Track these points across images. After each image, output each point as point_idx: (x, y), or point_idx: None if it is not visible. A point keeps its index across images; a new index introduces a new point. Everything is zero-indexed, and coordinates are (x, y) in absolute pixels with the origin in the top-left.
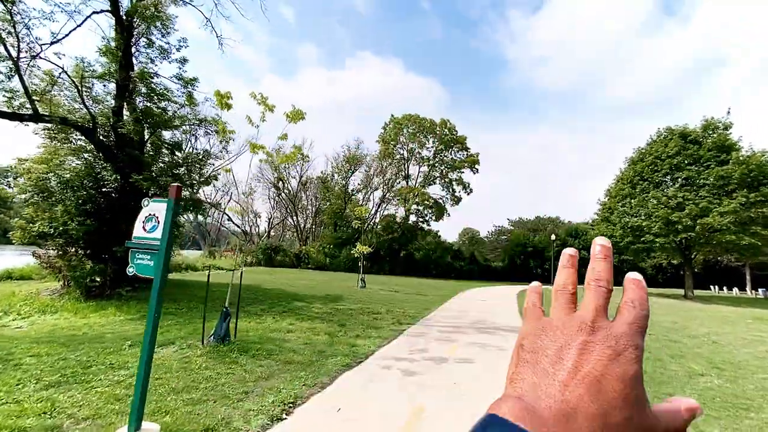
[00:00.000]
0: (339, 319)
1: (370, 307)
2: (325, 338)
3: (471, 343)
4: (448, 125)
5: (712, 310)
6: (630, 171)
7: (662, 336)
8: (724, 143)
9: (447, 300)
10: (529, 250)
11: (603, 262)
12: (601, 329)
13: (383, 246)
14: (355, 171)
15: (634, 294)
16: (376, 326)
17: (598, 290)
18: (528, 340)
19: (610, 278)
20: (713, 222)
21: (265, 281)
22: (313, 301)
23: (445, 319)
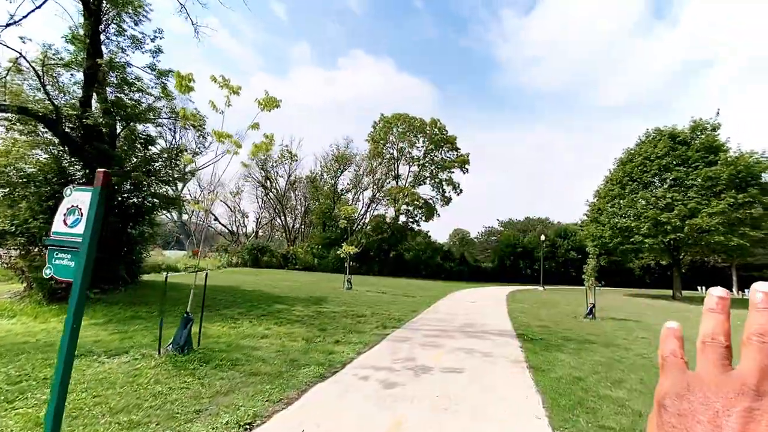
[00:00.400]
0: (320, 323)
1: (354, 310)
2: (301, 345)
3: (458, 349)
4: (438, 125)
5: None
6: (619, 171)
7: (656, 339)
8: (712, 144)
9: (435, 302)
10: (519, 251)
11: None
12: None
13: (373, 246)
14: (344, 170)
15: None
16: (358, 330)
17: (763, 347)
18: (671, 400)
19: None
20: (702, 223)
21: (247, 282)
22: (295, 304)
23: (432, 323)
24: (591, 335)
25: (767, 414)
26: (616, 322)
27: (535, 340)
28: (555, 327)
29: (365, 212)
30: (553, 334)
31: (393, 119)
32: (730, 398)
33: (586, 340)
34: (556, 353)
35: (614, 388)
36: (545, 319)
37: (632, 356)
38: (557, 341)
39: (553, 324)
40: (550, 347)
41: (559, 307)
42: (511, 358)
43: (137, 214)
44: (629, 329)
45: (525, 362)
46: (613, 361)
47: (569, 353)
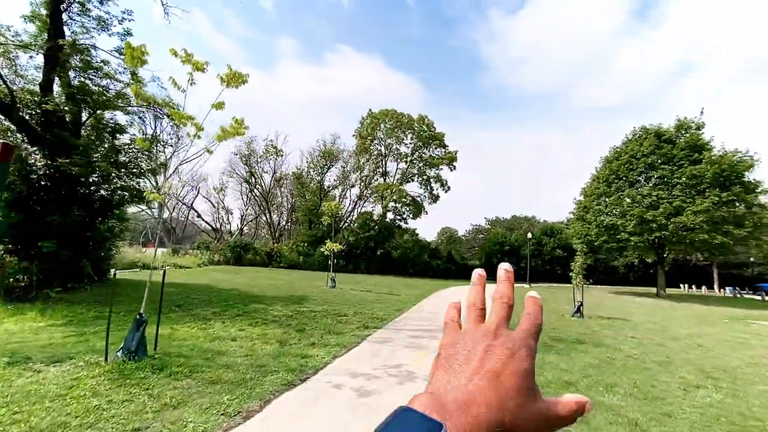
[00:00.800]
0: (298, 324)
1: (336, 309)
2: (273, 348)
3: None
4: (426, 121)
5: (686, 309)
6: (606, 170)
7: (645, 339)
8: (696, 143)
9: (421, 300)
10: (506, 249)
11: (506, 284)
12: (501, 335)
13: (360, 244)
14: (331, 167)
15: (530, 308)
16: (337, 331)
17: (501, 305)
18: (445, 349)
19: (511, 296)
20: (687, 221)
21: (225, 281)
22: (274, 303)
23: (416, 322)
24: (580, 335)
25: (499, 347)
26: (603, 320)
27: None
28: (543, 326)
29: (353, 209)
30: (541, 333)
31: (380, 115)
32: (478, 339)
33: (575, 340)
34: (544, 355)
35: (607, 393)
36: None
37: (623, 357)
38: (546, 341)
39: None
40: (539, 348)
41: (547, 305)
42: None
43: (105, 208)
44: (617, 328)
45: None
46: (604, 362)
47: (558, 354)
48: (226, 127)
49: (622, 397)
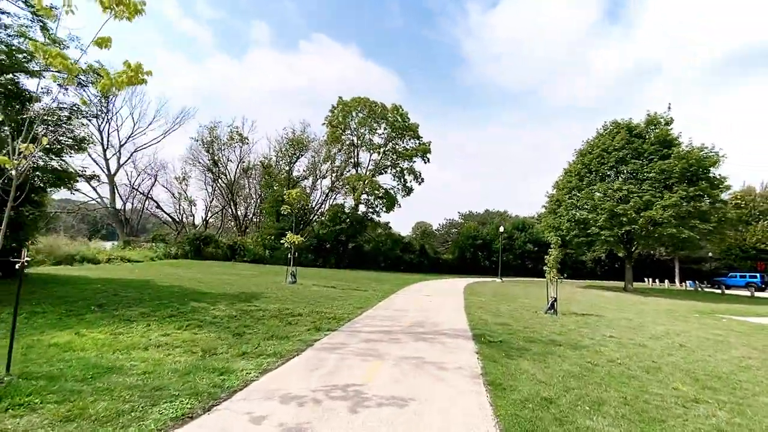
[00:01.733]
0: (238, 326)
1: (289, 308)
2: (191, 360)
3: (402, 359)
4: (400, 111)
5: (654, 303)
6: (578, 163)
7: (625, 338)
8: (665, 138)
9: (388, 296)
10: (479, 243)
11: None
12: None
13: (330, 237)
14: (300, 156)
15: None
16: (282, 335)
17: None
18: None
19: None
20: (656, 215)
21: (172, 276)
22: (219, 301)
23: (378, 322)
24: (555, 334)
25: None
26: (577, 317)
27: (494, 343)
28: (515, 324)
29: (324, 201)
30: (514, 333)
31: (352, 103)
32: None
33: (550, 341)
34: (518, 360)
35: (594, 414)
36: (504, 315)
37: (605, 362)
38: (519, 343)
39: (513, 320)
40: (512, 352)
41: (518, 300)
42: (466, 371)
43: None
44: (593, 326)
45: (482, 376)
46: (585, 370)
47: (534, 360)
48: (114, 73)
49: (614, 419)
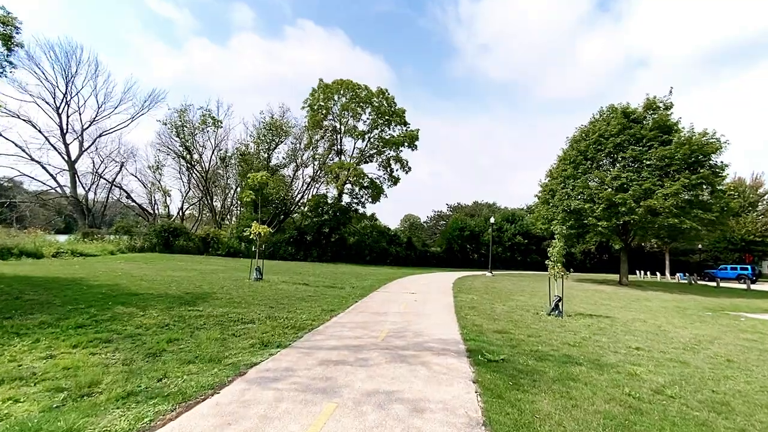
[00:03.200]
0: (160, 342)
1: (241, 313)
2: (35, 409)
3: (368, 396)
4: (386, 95)
5: (657, 299)
6: (573, 150)
7: (657, 351)
8: (665, 123)
9: (368, 294)
10: (467, 235)
11: None
12: None
13: (311, 229)
14: (280, 143)
15: None
16: (212, 356)
17: None
18: None
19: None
20: (657, 204)
21: (113, 273)
22: (154, 305)
23: (346, 332)
24: (569, 345)
25: None
26: (585, 319)
27: (494, 363)
28: (517, 331)
29: (306, 191)
30: (518, 345)
31: (335, 86)
32: None
33: (566, 357)
34: (532, 393)
35: None
36: (501, 318)
37: (650, 394)
38: (528, 363)
39: (512, 326)
40: (521, 379)
41: (514, 298)
42: (461, 417)
43: None
44: (610, 333)
45: (483, 426)
46: (630, 410)
47: (553, 393)
48: None
49: None
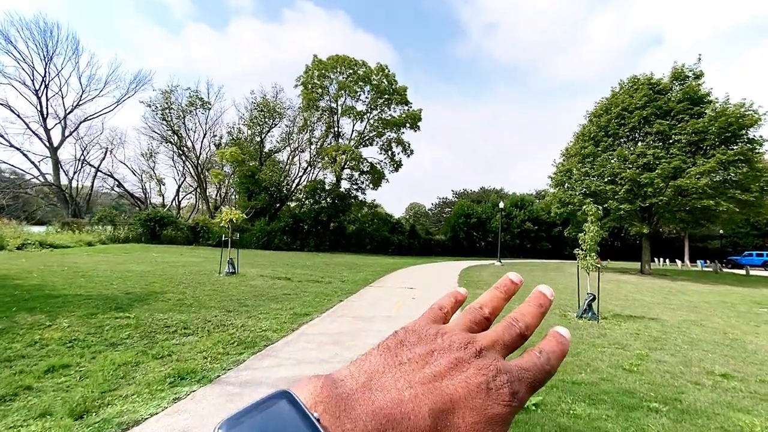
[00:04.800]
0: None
1: (185, 320)
2: None
3: None
4: (386, 72)
5: (693, 291)
6: (592, 126)
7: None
8: (695, 94)
9: (358, 291)
10: (473, 222)
11: (534, 308)
12: (486, 357)
13: (308, 217)
14: (273, 126)
15: (549, 346)
16: (87, 405)
17: (511, 327)
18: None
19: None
20: (689, 184)
21: (53, 267)
22: (73, 311)
23: (310, 351)
24: (623, 371)
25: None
26: (627, 323)
27: (522, 414)
28: None
29: (302, 177)
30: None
31: (330, 62)
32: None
33: (628, 395)
34: None
35: None
36: None
37: None
38: (573, 411)
39: (537, 336)
40: None
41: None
42: None
43: None
44: (669, 345)
45: None
46: None
47: None
48: None
49: None
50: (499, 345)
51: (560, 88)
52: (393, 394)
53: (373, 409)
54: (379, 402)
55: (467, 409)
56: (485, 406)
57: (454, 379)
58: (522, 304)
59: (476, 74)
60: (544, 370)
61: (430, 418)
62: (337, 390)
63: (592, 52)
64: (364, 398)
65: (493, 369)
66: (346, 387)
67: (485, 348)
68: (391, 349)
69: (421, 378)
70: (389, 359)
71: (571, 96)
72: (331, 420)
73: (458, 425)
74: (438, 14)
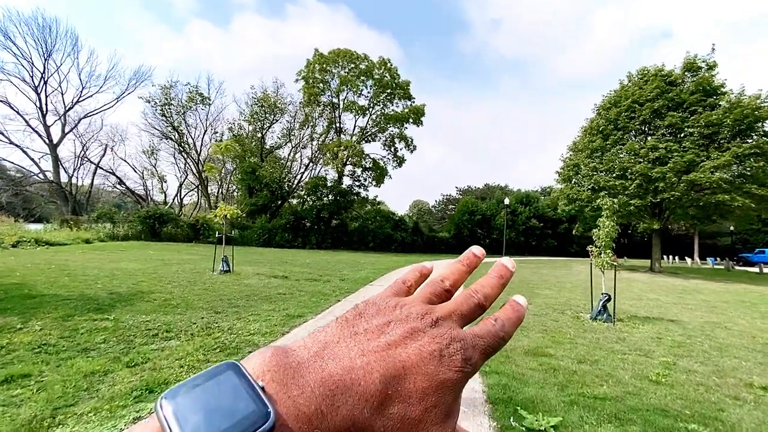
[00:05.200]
0: None
1: (170, 322)
2: None
3: None
4: (388, 65)
5: (709, 290)
6: (601, 119)
7: None
8: (709, 85)
9: (356, 291)
10: (478, 219)
11: (494, 280)
12: (443, 327)
13: (309, 214)
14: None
15: (505, 314)
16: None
17: (469, 298)
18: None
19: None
20: (702, 178)
21: (39, 265)
22: (49, 312)
23: None
24: (649, 382)
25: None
26: (645, 325)
27: None
28: (559, 352)
29: (304, 174)
30: (569, 385)
31: (331, 56)
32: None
33: (661, 413)
34: None
35: None
36: (532, 326)
37: None
38: (598, 431)
39: (550, 340)
40: None
41: (540, 292)
42: None
43: None
44: (696, 351)
45: None
46: None
47: None
48: None
49: None
50: (456, 315)
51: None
52: (345, 362)
53: (323, 376)
54: (329, 370)
55: (419, 375)
56: (437, 372)
57: (408, 348)
58: (487, 275)
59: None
60: (499, 337)
61: (381, 383)
62: (287, 359)
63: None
64: (315, 366)
65: (447, 337)
66: (297, 356)
67: (442, 318)
68: (348, 320)
69: (374, 347)
70: (345, 330)
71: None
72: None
73: (409, 390)
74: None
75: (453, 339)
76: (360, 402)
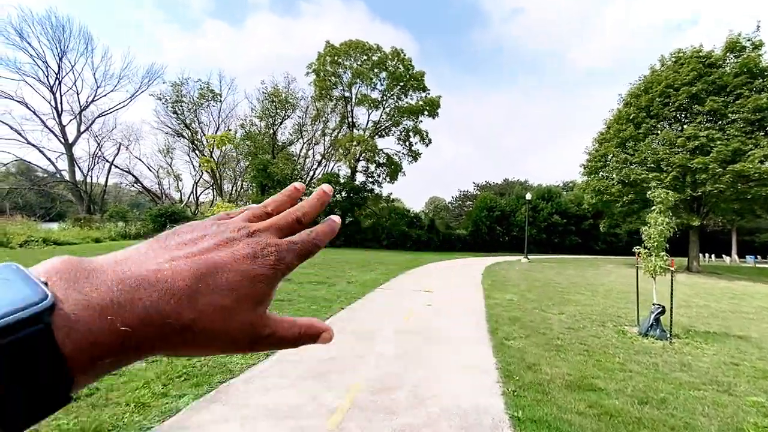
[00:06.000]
0: None
1: None
2: None
3: None
4: (401, 56)
5: (757, 292)
6: (630, 108)
7: None
8: (756, 65)
9: (364, 295)
10: (497, 215)
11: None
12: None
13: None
14: (286, 117)
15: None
16: None
17: (288, 214)
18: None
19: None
20: (751, 168)
21: None
22: None
23: (285, 389)
24: None
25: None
26: (709, 344)
27: None
28: (609, 385)
29: (316, 170)
30: None
31: (343, 48)
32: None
33: None
34: None
35: None
36: (567, 345)
37: None
38: None
39: (594, 366)
40: None
41: (571, 298)
42: None
43: None
44: None
45: None
46: None
47: None
48: None
49: None
50: (274, 228)
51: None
52: (151, 265)
53: (123, 277)
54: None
55: (232, 272)
56: (250, 269)
57: (222, 252)
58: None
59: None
60: (313, 243)
61: (191, 280)
62: (82, 264)
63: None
64: (114, 270)
65: (263, 243)
66: (96, 263)
67: (259, 231)
68: (161, 238)
69: (186, 253)
70: (155, 244)
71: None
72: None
73: (221, 284)
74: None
75: (268, 244)
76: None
